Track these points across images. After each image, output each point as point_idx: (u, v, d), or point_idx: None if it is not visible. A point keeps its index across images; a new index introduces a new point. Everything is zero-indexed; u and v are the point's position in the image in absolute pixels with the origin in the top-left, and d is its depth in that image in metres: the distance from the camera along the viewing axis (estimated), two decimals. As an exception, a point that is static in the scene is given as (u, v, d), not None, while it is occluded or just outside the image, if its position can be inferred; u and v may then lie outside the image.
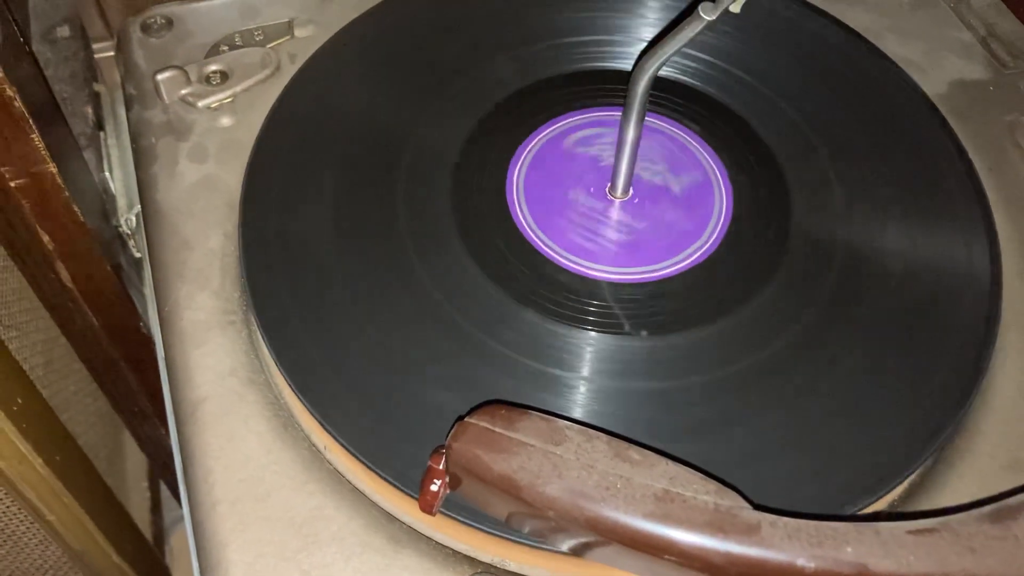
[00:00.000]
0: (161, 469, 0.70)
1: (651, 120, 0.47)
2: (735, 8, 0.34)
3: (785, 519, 0.29)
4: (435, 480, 0.32)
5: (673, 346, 0.39)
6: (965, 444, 0.38)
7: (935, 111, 0.48)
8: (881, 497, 0.36)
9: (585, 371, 0.38)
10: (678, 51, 0.37)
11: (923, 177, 0.46)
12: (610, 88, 0.49)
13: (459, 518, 0.34)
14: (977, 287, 0.41)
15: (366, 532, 0.35)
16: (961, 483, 0.37)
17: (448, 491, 0.33)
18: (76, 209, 0.44)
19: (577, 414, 0.37)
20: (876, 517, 0.34)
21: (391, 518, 0.36)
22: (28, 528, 0.51)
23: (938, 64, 0.52)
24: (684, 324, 0.40)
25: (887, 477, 0.36)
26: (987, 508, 0.29)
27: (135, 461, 0.70)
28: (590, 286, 0.41)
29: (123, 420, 0.63)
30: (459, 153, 0.45)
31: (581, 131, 0.47)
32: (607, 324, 0.40)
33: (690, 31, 0.36)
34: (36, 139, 0.41)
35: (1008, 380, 0.40)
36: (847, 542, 0.28)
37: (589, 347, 0.39)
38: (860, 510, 0.35)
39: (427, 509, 0.33)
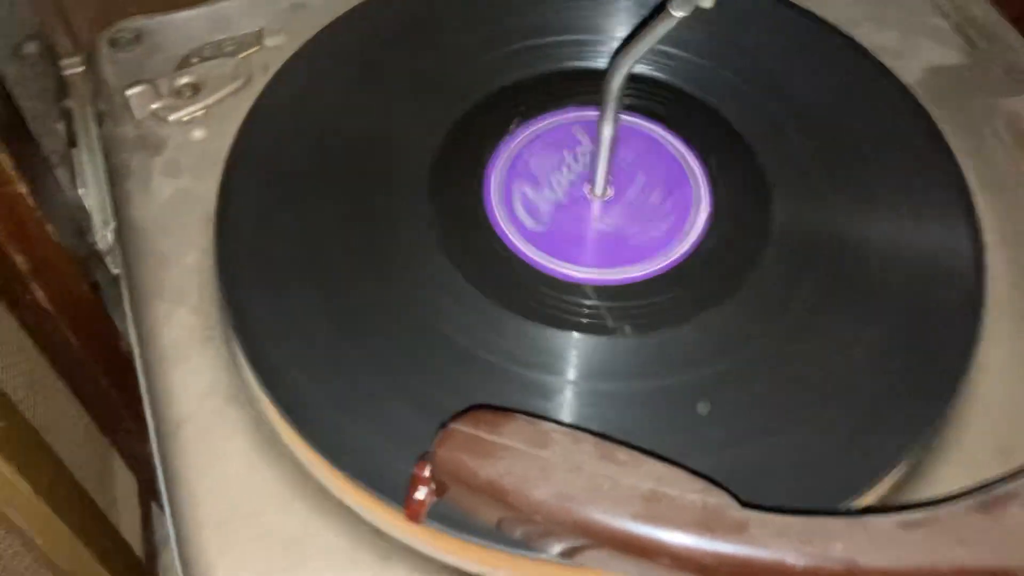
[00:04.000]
0: (150, 487, 0.69)
1: (628, 118, 0.47)
2: (706, 4, 0.34)
3: (773, 516, 0.29)
4: (421, 488, 0.32)
5: (658, 344, 0.39)
6: (954, 434, 0.38)
7: (912, 98, 0.48)
8: (872, 489, 0.36)
9: (571, 374, 0.38)
10: (650, 49, 0.37)
11: (903, 165, 0.45)
12: (587, 87, 0.48)
13: (447, 530, 0.34)
14: (961, 274, 0.41)
15: (354, 548, 0.35)
16: (951, 473, 0.37)
17: (435, 499, 0.32)
18: (49, 229, 0.44)
19: (565, 417, 0.37)
20: (866, 511, 0.34)
21: (379, 533, 0.35)
22: (16, 552, 0.50)
23: (914, 51, 0.52)
24: (668, 321, 0.40)
25: (877, 469, 0.36)
26: (975, 498, 0.29)
27: (125, 478, 0.69)
28: (572, 288, 0.41)
29: (109, 439, 0.63)
30: (436, 157, 0.45)
31: (558, 131, 0.47)
32: (591, 325, 0.39)
33: (661, 29, 0.35)
34: (4, 158, 0.40)
35: (994, 367, 0.40)
36: (836, 538, 0.28)
37: (574, 349, 0.39)
38: (852, 503, 0.35)
39: (414, 518, 0.32)
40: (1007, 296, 0.42)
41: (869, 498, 0.36)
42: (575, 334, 0.39)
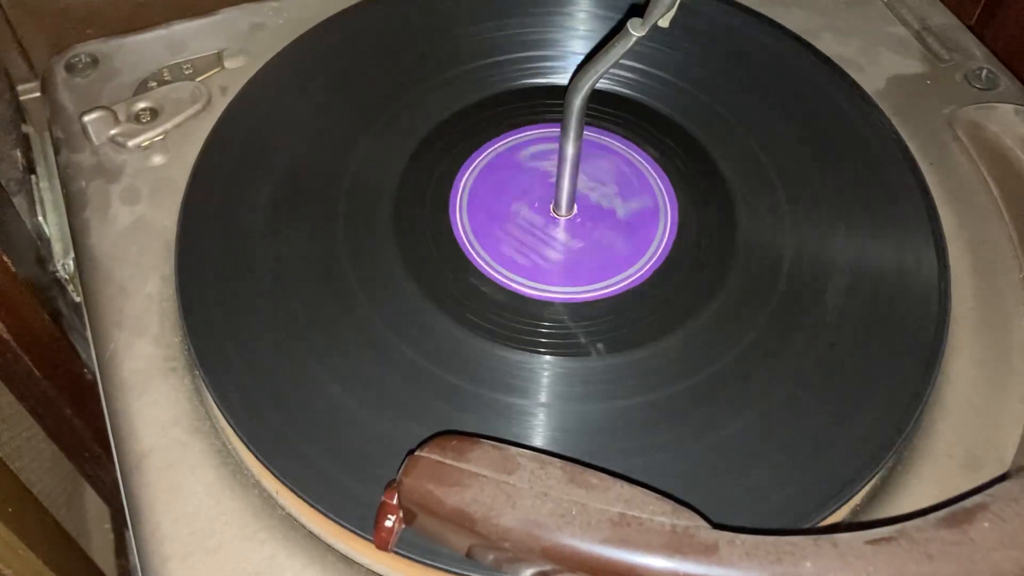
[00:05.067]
0: (120, 513, 0.68)
1: (592, 134, 0.47)
2: (664, 23, 0.34)
3: (743, 536, 0.28)
4: (389, 516, 0.32)
5: (626, 364, 0.39)
6: (923, 445, 0.38)
7: (876, 109, 0.48)
8: (844, 504, 0.36)
9: (542, 396, 0.38)
10: (610, 68, 0.37)
11: (867, 176, 0.46)
12: (548, 105, 0.48)
13: (416, 558, 0.33)
14: (926, 284, 0.41)
15: (322, 577, 0.34)
16: (921, 484, 0.37)
17: (403, 526, 0.32)
18: (6, 260, 0.43)
19: (536, 440, 0.36)
20: (835, 528, 0.34)
21: (348, 561, 0.35)
22: (-17, 583, 0.49)
23: (875, 61, 0.52)
24: (636, 341, 0.39)
25: (849, 483, 0.36)
26: (943, 512, 0.29)
27: (96, 503, 0.68)
28: (540, 307, 0.41)
29: (76, 467, 0.62)
30: (400, 180, 0.45)
31: (522, 150, 0.47)
32: (559, 346, 0.39)
33: (621, 48, 0.35)
34: (-42, 189, 0.39)
35: (960, 377, 0.40)
36: (806, 556, 0.28)
37: (544, 371, 0.38)
38: (824, 518, 0.35)
39: (382, 546, 0.32)
40: (971, 304, 0.42)
41: (839, 514, 0.36)
42: (546, 356, 0.39)
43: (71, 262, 0.48)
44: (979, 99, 0.50)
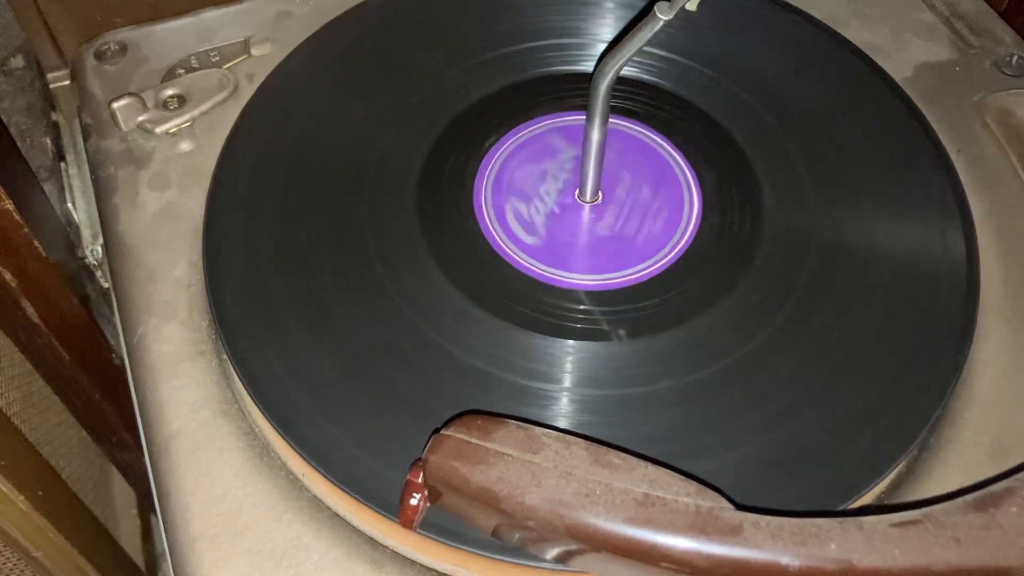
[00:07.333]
0: (147, 498, 0.69)
1: (616, 121, 0.46)
2: (691, 7, 0.34)
3: (768, 518, 0.28)
4: (414, 494, 0.32)
5: (651, 348, 0.39)
6: (949, 432, 0.38)
7: (902, 96, 0.48)
8: (869, 490, 0.35)
9: (567, 381, 0.38)
10: (637, 52, 0.37)
11: (894, 163, 0.45)
12: (573, 92, 0.48)
13: (441, 539, 0.33)
14: (954, 272, 0.41)
15: (348, 559, 0.34)
16: (947, 472, 0.37)
17: (428, 504, 0.32)
18: (37, 245, 0.44)
19: (561, 424, 0.37)
20: (860, 512, 0.34)
21: (373, 543, 0.35)
22: (15, 566, 0.50)
23: (903, 48, 0.52)
24: (662, 326, 0.39)
25: (874, 470, 0.35)
26: (970, 497, 0.29)
27: (123, 489, 0.69)
28: (565, 294, 0.41)
29: (104, 452, 0.62)
30: (425, 167, 0.45)
31: (547, 137, 0.47)
32: (585, 332, 0.39)
33: (647, 31, 0.35)
34: (-10, 175, 0.40)
35: (989, 365, 0.39)
36: (831, 539, 0.28)
37: (569, 356, 0.39)
38: (848, 505, 0.35)
39: (407, 524, 0.32)
40: (1000, 292, 0.42)
41: (865, 499, 0.36)
42: (570, 341, 0.39)
43: (100, 248, 0.48)
44: (1009, 86, 0.49)
